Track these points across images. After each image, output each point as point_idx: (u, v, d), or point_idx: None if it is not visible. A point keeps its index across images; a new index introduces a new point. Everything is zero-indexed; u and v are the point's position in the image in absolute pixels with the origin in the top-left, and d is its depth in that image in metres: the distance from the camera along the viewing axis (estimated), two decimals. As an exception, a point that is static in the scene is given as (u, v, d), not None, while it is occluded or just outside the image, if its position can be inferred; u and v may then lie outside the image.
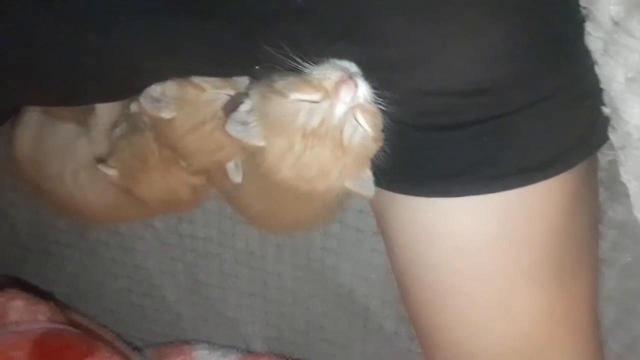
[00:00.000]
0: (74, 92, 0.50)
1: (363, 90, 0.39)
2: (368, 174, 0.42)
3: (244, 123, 0.42)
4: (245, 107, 0.42)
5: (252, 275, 0.73)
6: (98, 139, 0.60)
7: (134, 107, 0.55)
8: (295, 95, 0.39)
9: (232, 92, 0.48)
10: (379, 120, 0.40)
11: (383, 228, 0.52)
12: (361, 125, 0.40)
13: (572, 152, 0.42)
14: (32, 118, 0.63)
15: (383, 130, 0.41)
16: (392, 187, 0.45)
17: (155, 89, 0.48)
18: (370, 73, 0.39)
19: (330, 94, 0.39)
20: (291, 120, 0.39)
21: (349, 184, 0.43)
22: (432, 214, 0.45)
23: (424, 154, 0.43)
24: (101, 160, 0.56)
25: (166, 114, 0.48)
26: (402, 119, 0.41)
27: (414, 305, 0.51)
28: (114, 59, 0.42)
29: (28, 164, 0.63)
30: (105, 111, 0.58)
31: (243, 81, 0.48)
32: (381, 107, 0.40)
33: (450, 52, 0.37)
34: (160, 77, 0.48)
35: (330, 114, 0.39)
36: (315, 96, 0.39)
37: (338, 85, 0.38)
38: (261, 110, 0.41)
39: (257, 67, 0.41)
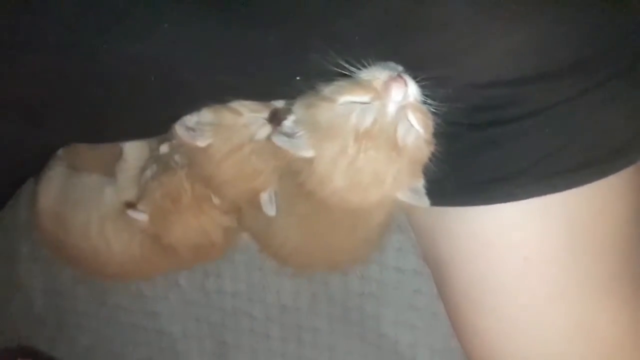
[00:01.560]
0: (105, 125, 0.49)
1: (413, 89, 0.38)
2: (421, 183, 0.40)
3: (291, 135, 0.40)
4: (291, 118, 0.40)
5: (285, 333, 0.67)
6: (125, 186, 0.58)
7: (163, 148, 0.55)
8: (345, 98, 0.38)
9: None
10: (431, 121, 0.39)
11: (431, 251, 0.49)
12: (413, 125, 0.38)
13: (636, 143, 0.40)
14: (57, 172, 0.62)
15: (435, 135, 0.40)
16: (447, 201, 0.42)
17: (189, 119, 0.48)
18: (419, 73, 0.38)
19: (380, 94, 0.38)
20: (343, 123, 0.38)
21: (402, 196, 0.40)
22: (494, 223, 0.42)
23: (480, 156, 0.41)
24: (130, 205, 0.54)
25: (202, 142, 0.47)
26: (455, 119, 0.39)
27: (474, 337, 0.46)
28: (153, 73, 0.42)
29: (50, 220, 0.61)
30: (134, 155, 0.57)
31: (280, 104, 0.47)
32: (432, 108, 0.39)
33: (504, 37, 0.36)
34: (194, 106, 0.47)
35: (383, 113, 0.37)
36: (365, 97, 0.38)
37: (388, 84, 0.37)
38: (309, 120, 0.40)
39: (298, 78, 0.40)
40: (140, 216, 0.53)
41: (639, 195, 0.41)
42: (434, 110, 0.39)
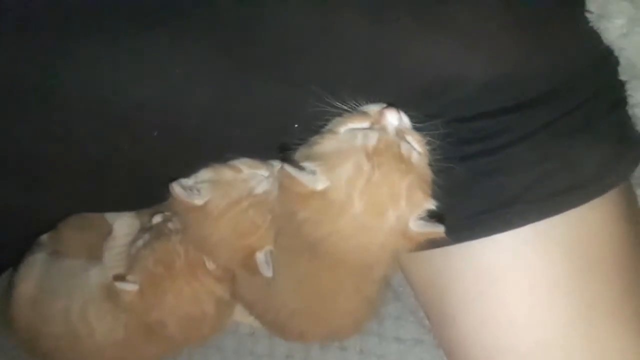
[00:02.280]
0: (103, 189, 0.49)
1: (405, 118, 0.41)
2: (433, 205, 0.41)
3: (300, 169, 0.41)
4: (299, 154, 0.42)
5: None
6: (112, 264, 0.57)
7: (157, 218, 0.55)
8: (346, 127, 0.41)
9: (266, 173, 0.49)
10: (426, 148, 0.41)
11: (435, 301, 0.48)
12: (413, 147, 0.40)
13: (623, 161, 0.42)
14: (37, 259, 0.60)
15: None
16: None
17: (186, 180, 0.49)
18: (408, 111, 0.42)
19: (378, 119, 0.41)
20: (351, 146, 0.40)
21: (415, 225, 0.41)
22: (496, 256, 0.42)
23: (474, 188, 0.42)
24: (119, 277, 0.52)
25: (199, 200, 0.48)
26: (446, 154, 0.41)
27: None
28: (156, 127, 0.43)
29: (27, 308, 0.57)
30: (123, 231, 0.57)
31: (277, 163, 0.49)
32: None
33: (484, 71, 0.40)
34: (194, 166, 0.48)
35: (385, 133, 0.40)
36: (365, 123, 0.41)
37: (382, 112, 0.40)
38: (316, 152, 0.41)
39: (296, 126, 0.43)
40: (130, 287, 0.51)
41: (636, 211, 0.43)
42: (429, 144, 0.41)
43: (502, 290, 0.42)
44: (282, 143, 0.44)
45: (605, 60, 0.43)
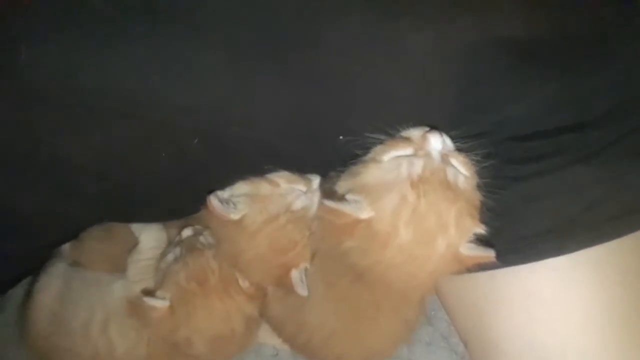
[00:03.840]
0: (137, 198, 0.48)
1: (448, 140, 0.40)
2: (482, 230, 0.39)
3: (342, 199, 0.40)
4: (341, 185, 0.41)
5: None
6: (136, 278, 0.55)
7: (187, 232, 0.53)
8: (389, 155, 0.40)
9: (304, 188, 0.48)
10: (473, 170, 0.40)
11: (476, 329, 0.46)
12: (459, 171, 0.39)
13: None
14: (58, 268, 0.58)
15: (480, 192, 0.40)
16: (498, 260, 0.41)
17: (222, 193, 0.47)
18: (459, 129, 0.41)
19: (421, 145, 0.39)
20: (395, 176, 0.38)
21: (465, 249, 0.40)
22: (548, 281, 0.41)
23: (527, 210, 0.41)
24: (148, 293, 0.50)
25: (235, 215, 0.46)
26: (499, 173, 0.40)
27: None
28: (199, 133, 0.42)
29: (45, 320, 0.55)
30: (150, 244, 0.55)
31: (314, 178, 0.48)
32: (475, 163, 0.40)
33: (540, 88, 0.39)
34: (231, 178, 0.47)
35: (429, 159, 0.39)
36: (408, 150, 0.40)
37: (425, 136, 0.39)
38: (359, 183, 0.40)
39: (341, 137, 0.42)
40: (160, 303, 0.49)
41: None
42: (476, 165, 0.40)
43: (552, 316, 0.40)
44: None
45: None
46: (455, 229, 0.38)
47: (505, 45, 0.38)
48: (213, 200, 0.46)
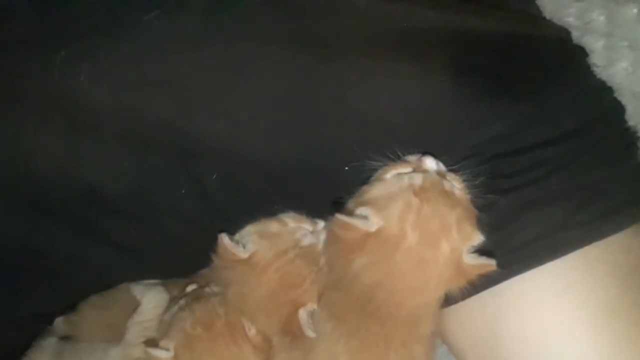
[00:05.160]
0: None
1: (440, 164, 0.46)
2: (481, 240, 0.43)
3: (352, 215, 0.43)
4: (349, 204, 0.45)
5: None
6: (137, 340, 0.53)
7: (191, 287, 0.54)
8: (391, 173, 0.45)
9: (310, 228, 0.51)
10: (465, 188, 0.45)
11: (482, 347, 0.46)
12: (454, 185, 0.44)
13: None
14: (49, 343, 0.55)
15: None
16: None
17: (231, 237, 0.50)
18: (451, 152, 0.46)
19: (418, 165, 0.45)
20: (399, 186, 0.43)
21: (468, 259, 0.43)
22: (550, 287, 0.44)
23: (519, 220, 0.45)
24: (151, 343, 0.49)
25: (244, 253, 0.48)
26: (488, 190, 0.45)
27: None
28: (217, 168, 0.46)
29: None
30: (151, 304, 0.54)
31: (319, 221, 0.51)
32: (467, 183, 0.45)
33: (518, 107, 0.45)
34: (244, 221, 0.50)
35: (427, 173, 0.44)
36: (408, 168, 0.45)
37: (421, 159, 0.45)
38: (366, 198, 0.44)
39: (346, 168, 0.47)
40: (164, 354, 0.47)
41: None
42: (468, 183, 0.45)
43: (561, 319, 0.42)
44: (333, 201, 0.47)
45: (613, 110, 0.50)
46: (458, 232, 0.42)
47: (478, 70, 0.46)
48: (224, 238, 0.48)
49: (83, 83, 0.42)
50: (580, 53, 0.50)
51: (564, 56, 0.49)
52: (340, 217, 0.42)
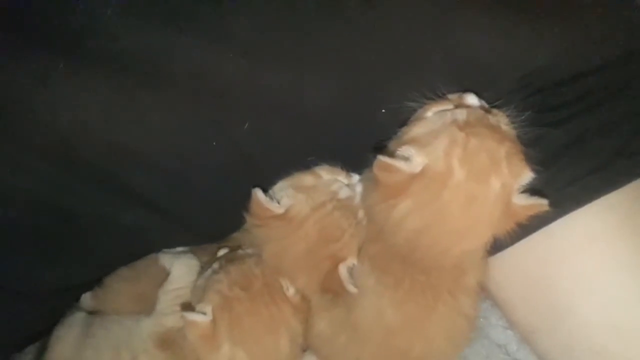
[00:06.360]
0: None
1: (482, 101, 0.43)
2: (531, 176, 0.40)
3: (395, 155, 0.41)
4: (390, 146, 0.43)
5: None
6: (168, 310, 0.51)
7: (222, 251, 0.52)
8: (432, 110, 0.43)
9: (345, 181, 0.48)
10: (509, 124, 0.43)
11: (533, 293, 0.45)
12: (499, 120, 0.42)
13: None
14: (76, 318, 0.53)
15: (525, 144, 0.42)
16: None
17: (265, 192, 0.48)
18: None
19: (459, 103, 0.43)
20: (442, 123, 0.41)
21: (518, 199, 0.40)
22: (606, 221, 0.41)
23: (571, 153, 0.42)
24: (187, 308, 0.47)
25: (280, 209, 0.46)
26: (536, 122, 0.42)
27: None
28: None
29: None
30: (182, 271, 0.52)
31: (355, 175, 0.49)
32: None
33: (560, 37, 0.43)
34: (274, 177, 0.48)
35: (471, 108, 0.41)
36: (449, 105, 0.43)
37: (462, 96, 0.43)
38: (408, 137, 0.42)
39: (383, 111, 0.45)
40: (200, 317, 0.45)
41: None
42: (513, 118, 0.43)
43: (623, 253, 0.40)
44: (374, 146, 0.45)
45: None
46: (507, 167, 0.40)
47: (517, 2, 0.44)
48: (258, 193, 0.46)
49: (109, 24, 0.40)
50: None
51: None
52: (382, 158, 0.40)
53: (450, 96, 0.44)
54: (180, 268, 0.52)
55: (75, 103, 0.42)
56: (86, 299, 0.54)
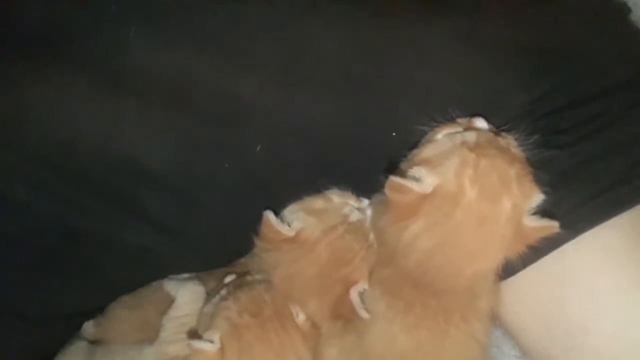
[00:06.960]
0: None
1: (492, 126, 0.44)
2: (542, 198, 0.41)
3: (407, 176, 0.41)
4: (402, 167, 0.43)
5: None
6: (172, 337, 0.49)
7: (229, 278, 0.51)
8: (442, 133, 0.43)
9: (356, 205, 0.48)
10: (518, 147, 0.43)
11: (546, 316, 0.44)
12: (509, 142, 0.42)
13: None
14: (79, 347, 0.52)
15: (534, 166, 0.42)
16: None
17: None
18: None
19: (469, 126, 0.43)
20: (452, 144, 0.41)
21: (529, 220, 0.40)
22: (617, 237, 0.41)
23: (580, 174, 0.43)
24: (194, 336, 0.46)
25: (290, 231, 0.46)
26: (546, 144, 0.43)
27: None
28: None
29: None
30: (187, 297, 0.51)
31: (364, 200, 0.49)
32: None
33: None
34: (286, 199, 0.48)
35: (481, 131, 0.42)
36: (459, 128, 0.43)
37: (471, 120, 0.44)
38: (419, 159, 0.42)
39: (394, 134, 0.45)
40: (209, 346, 0.44)
41: None
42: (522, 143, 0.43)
43: (633, 273, 0.40)
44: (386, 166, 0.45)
45: None
46: (518, 188, 0.40)
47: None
48: (269, 215, 0.45)
49: (130, 43, 0.41)
50: (623, 9, 0.49)
51: (606, 12, 0.49)
52: (394, 179, 0.40)
53: (459, 120, 0.44)
54: (186, 295, 0.51)
55: (92, 119, 0.42)
56: (88, 327, 0.53)
